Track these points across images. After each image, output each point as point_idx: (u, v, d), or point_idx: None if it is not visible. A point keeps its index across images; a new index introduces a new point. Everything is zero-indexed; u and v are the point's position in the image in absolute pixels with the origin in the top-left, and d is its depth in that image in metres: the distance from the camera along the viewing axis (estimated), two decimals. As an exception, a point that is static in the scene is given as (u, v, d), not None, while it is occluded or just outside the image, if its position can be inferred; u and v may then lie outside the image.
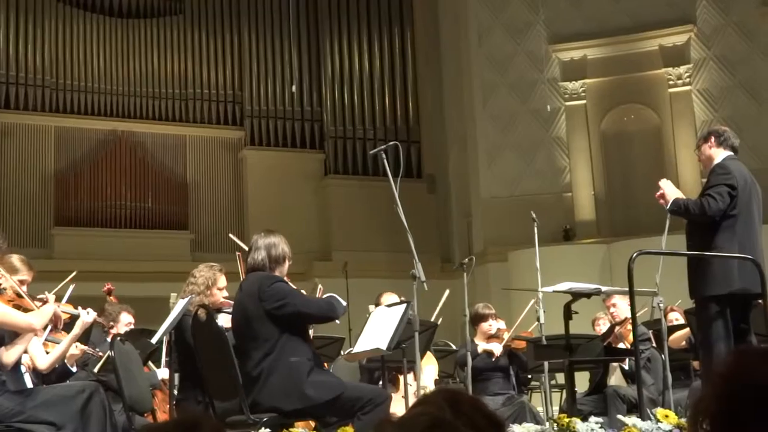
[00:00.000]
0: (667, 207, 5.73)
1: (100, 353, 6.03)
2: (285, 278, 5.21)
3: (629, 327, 6.92)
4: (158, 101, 15.31)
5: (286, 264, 5.11)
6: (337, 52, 16.27)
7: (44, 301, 4.98)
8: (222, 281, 5.69)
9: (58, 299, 5.26)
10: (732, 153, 5.85)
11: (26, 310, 4.76)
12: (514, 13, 14.84)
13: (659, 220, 6.14)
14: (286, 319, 4.85)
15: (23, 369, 5.09)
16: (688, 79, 14.00)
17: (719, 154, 5.82)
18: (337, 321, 5.22)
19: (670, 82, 14.10)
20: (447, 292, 7.91)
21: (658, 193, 5.80)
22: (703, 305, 5.57)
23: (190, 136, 15.50)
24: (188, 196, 15.21)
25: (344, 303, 5.12)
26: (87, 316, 5.20)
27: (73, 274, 5.57)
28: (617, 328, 7.01)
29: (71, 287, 5.60)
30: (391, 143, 5.92)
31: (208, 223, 15.24)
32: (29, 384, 5.07)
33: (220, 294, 5.65)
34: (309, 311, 4.93)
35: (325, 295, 5.27)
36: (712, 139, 5.89)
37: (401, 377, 6.74)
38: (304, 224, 14.98)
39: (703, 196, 5.60)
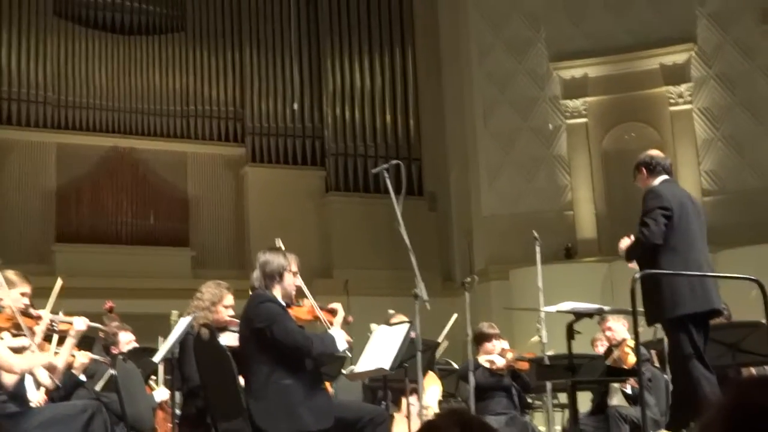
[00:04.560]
0: (627, 260, 5.72)
1: (108, 362, 6.02)
2: (291, 294, 5.18)
3: (626, 349, 6.90)
4: (160, 118, 15.33)
5: (286, 279, 5.07)
6: (338, 69, 16.31)
7: (39, 318, 4.98)
8: (228, 299, 5.67)
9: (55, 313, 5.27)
10: (667, 176, 5.80)
11: (19, 329, 4.78)
12: (515, 31, 14.88)
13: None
14: (270, 341, 4.82)
15: (33, 386, 5.09)
16: (689, 98, 14.02)
17: (655, 182, 5.77)
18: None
19: (671, 101, 14.11)
20: (455, 316, 7.89)
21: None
22: (669, 328, 5.47)
23: (191, 153, 15.51)
24: (189, 213, 15.21)
25: (342, 346, 5.04)
26: (79, 323, 5.19)
27: (59, 283, 5.52)
28: (615, 351, 6.98)
29: (54, 294, 5.55)
30: (393, 162, 5.88)
31: (209, 240, 15.22)
32: (35, 401, 5.06)
33: (226, 312, 5.62)
34: (285, 341, 4.81)
35: (330, 330, 5.22)
36: (644, 170, 5.85)
37: (403, 398, 6.72)
38: (305, 241, 14.94)
39: (640, 224, 5.56)
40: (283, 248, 5.41)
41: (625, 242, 5.74)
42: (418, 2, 16.97)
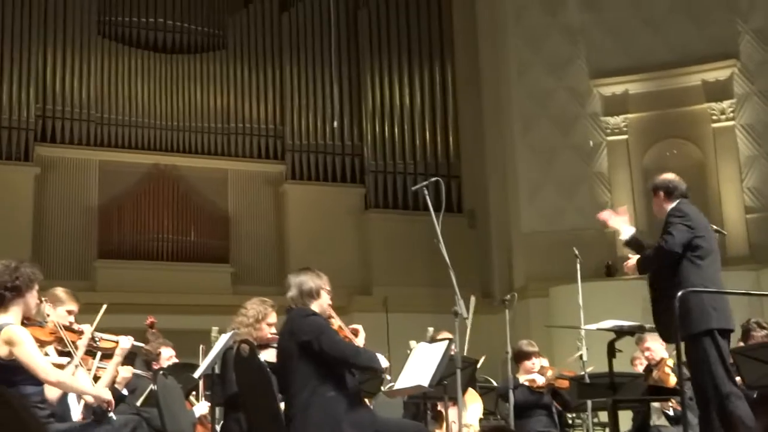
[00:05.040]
0: (639, 272, 5.75)
1: (150, 376, 6.07)
2: (328, 311, 5.23)
3: (666, 370, 6.83)
4: (201, 135, 15.44)
5: (323, 296, 5.15)
6: (377, 86, 16.35)
7: (82, 332, 5.04)
8: (272, 317, 5.73)
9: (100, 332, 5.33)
10: (685, 199, 5.83)
11: (62, 344, 4.84)
12: (555, 47, 14.84)
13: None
14: (316, 353, 4.85)
15: (75, 402, 5.14)
16: (731, 114, 13.89)
17: (673, 205, 5.81)
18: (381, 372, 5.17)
19: (713, 117, 13.99)
20: (473, 299, 7.85)
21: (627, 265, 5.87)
22: (697, 343, 5.46)
23: (231, 170, 15.60)
24: (229, 230, 15.28)
25: (384, 363, 5.08)
26: (125, 342, 5.25)
27: (104, 307, 5.59)
28: (655, 372, 6.92)
29: (98, 316, 5.62)
30: (433, 179, 5.90)
31: (249, 257, 15.28)
32: (76, 417, 5.11)
33: (269, 329, 5.68)
34: (332, 353, 4.87)
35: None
36: (662, 194, 5.90)
37: (444, 415, 6.69)
38: (344, 258, 14.98)
39: (662, 234, 5.60)
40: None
41: (632, 261, 5.75)
42: (457, 19, 16.99)
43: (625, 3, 14.60)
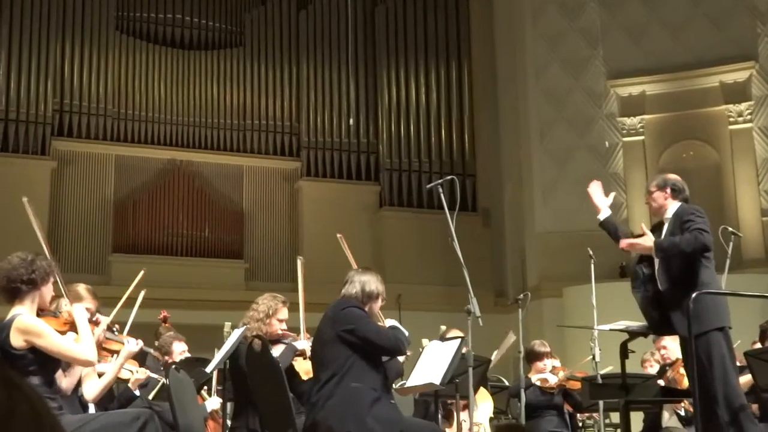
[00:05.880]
0: (657, 255, 5.68)
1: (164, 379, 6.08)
2: (377, 313, 5.25)
3: (681, 371, 6.79)
4: (217, 131, 15.49)
5: (379, 301, 5.17)
6: (394, 84, 16.35)
7: (97, 323, 5.06)
8: (283, 313, 5.74)
9: (121, 325, 5.34)
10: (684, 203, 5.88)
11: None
12: (572, 48, 14.80)
13: (718, 259, 6.04)
14: (353, 344, 4.85)
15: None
16: (749, 116, 13.82)
17: (672, 205, 5.80)
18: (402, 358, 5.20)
19: (731, 119, 13.93)
20: (512, 336, 7.85)
21: (628, 243, 5.84)
22: (707, 338, 5.46)
23: (247, 167, 15.63)
24: (244, 226, 15.32)
25: (406, 332, 5.13)
26: (132, 345, 5.26)
27: (141, 273, 5.56)
28: (669, 372, 6.89)
29: (134, 311, 5.65)
30: (448, 178, 5.90)
31: (262, 253, 15.32)
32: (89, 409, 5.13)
33: (279, 325, 5.69)
34: (377, 341, 4.89)
35: (387, 323, 5.30)
36: (669, 190, 5.90)
37: (455, 414, 6.69)
38: (358, 256, 14.89)
39: (695, 228, 5.55)
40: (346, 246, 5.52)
41: (647, 242, 5.69)
42: (474, 19, 16.98)
43: (643, 3, 14.55)
